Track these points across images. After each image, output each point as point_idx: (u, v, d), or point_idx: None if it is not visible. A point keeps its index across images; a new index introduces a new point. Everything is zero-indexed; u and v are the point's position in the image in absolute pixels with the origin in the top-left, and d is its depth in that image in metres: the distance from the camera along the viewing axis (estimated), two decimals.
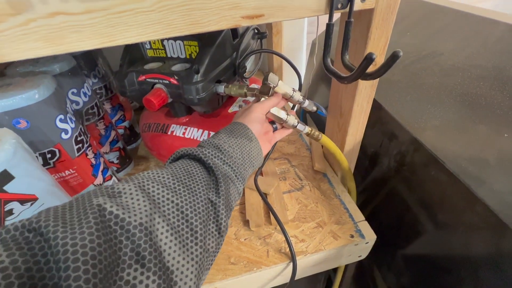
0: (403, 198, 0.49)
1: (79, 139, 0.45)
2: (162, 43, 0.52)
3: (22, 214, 0.34)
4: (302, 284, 0.58)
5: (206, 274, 0.27)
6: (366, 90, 0.43)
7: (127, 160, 0.64)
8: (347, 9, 0.32)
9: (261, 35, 0.67)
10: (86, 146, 0.47)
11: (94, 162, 0.48)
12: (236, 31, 0.56)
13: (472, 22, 0.53)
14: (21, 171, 0.33)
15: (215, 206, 0.28)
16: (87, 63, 0.56)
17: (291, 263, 0.41)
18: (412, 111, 0.47)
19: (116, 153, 0.61)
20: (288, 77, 0.94)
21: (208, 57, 0.47)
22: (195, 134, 0.55)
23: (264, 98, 0.42)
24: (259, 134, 0.38)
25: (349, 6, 0.32)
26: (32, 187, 0.35)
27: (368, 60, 0.26)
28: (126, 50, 0.52)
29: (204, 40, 0.48)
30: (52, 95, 0.40)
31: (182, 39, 0.50)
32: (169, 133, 0.56)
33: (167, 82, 0.47)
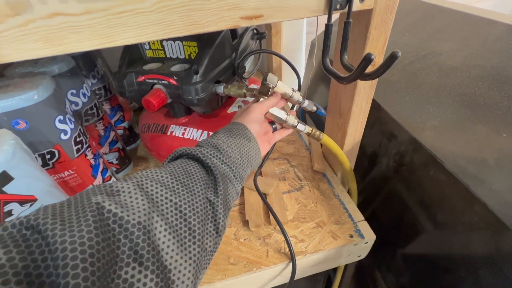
0: (402, 198, 0.49)
1: (78, 139, 0.45)
2: (161, 43, 0.52)
3: (21, 215, 0.34)
4: (302, 284, 0.58)
5: (203, 273, 0.27)
6: (365, 90, 0.43)
7: (127, 161, 0.64)
8: (346, 9, 0.32)
9: (260, 35, 0.67)
10: (85, 146, 0.46)
11: (93, 162, 0.48)
12: (235, 32, 0.56)
13: (470, 22, 0.53)
14: (20, 172, 0.33)
15: (213, 206, 0.28)
16: (86, 63, 0.56)
17: (291, 263, 0.41)
18: (411, 111, 0.47)
19: (116, 153, 0.60)
20: (287, 77, 0.94)
21: (207, 57, 0.47)
22: (195, 134, 0.55)
23: (263, 98, 0.42)
24: (258, 134, 0.39)
25: (348, 7, 0.32)
26: (32, 188, 0.35)
27: (367, 60, 0.26)
28: (125, 51, 0.52)
29: (204, 40, 0.48)
30: (51, 96, 0.40)
31: (181, 40, 0.50)
32: (168, 133, 0.57)
33: (166, 82, 0.47)
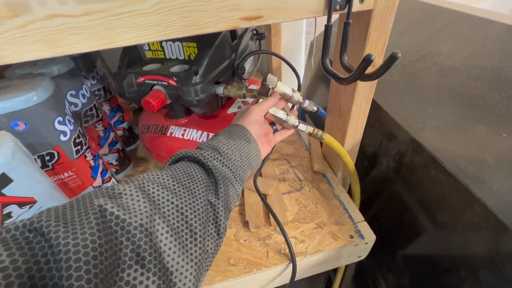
0: (402, 199, 0.49)
1: (77, 141, 0.45)
2: (160, 44, 0.52)
3: (20, 217, 0.34)
4: (302, 285, 0.58)
5: (205, 275, 0.27)
6: (365, 91, 0.43)
7: (126, 162, 0.64)
8: (346, 10, 0.32)
9: (259, 36, 0.67)
10: (85, 148, 0.46)
11: (93, 164, 0.48)
12: (234, 32, 0.56)
13: (470, 23, 0.53)
14: (19, 174, 0.33)
15: (214, 208, 0.28)
16: (86, 64, 0.56)
17: (291, 264, 0.41)
18: (410, 112, 0.47)
19: (115, 154, 0.60)
20: (287, 78, 0.94)
21: (207, 58, 0.47)
22: (194, 135, 0.55)
23: (263, 99, 0.42)
24: (258, 136, 0.38)
25: (347, 7, 0.32)
26: (31, 189, 0.35)
27: (367, 61, 0.26)
28: (124, 52, 0.52)
29: (203, 41, 0.48)
30: (50, 97, 0.40)
31: (180, 41, 0.50)
32: (168, 134, 0.56)
33: (166, 83, 0.47)
